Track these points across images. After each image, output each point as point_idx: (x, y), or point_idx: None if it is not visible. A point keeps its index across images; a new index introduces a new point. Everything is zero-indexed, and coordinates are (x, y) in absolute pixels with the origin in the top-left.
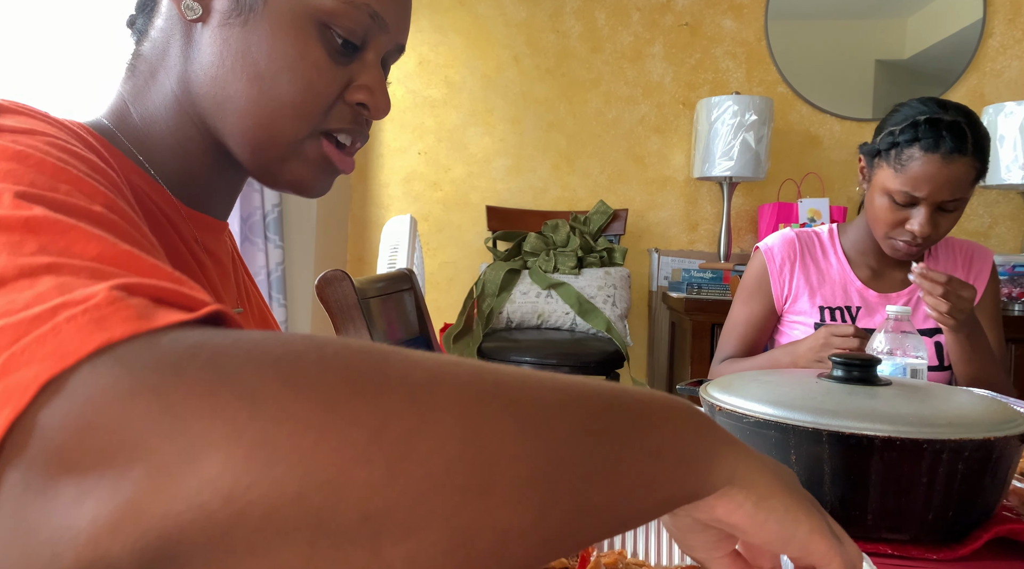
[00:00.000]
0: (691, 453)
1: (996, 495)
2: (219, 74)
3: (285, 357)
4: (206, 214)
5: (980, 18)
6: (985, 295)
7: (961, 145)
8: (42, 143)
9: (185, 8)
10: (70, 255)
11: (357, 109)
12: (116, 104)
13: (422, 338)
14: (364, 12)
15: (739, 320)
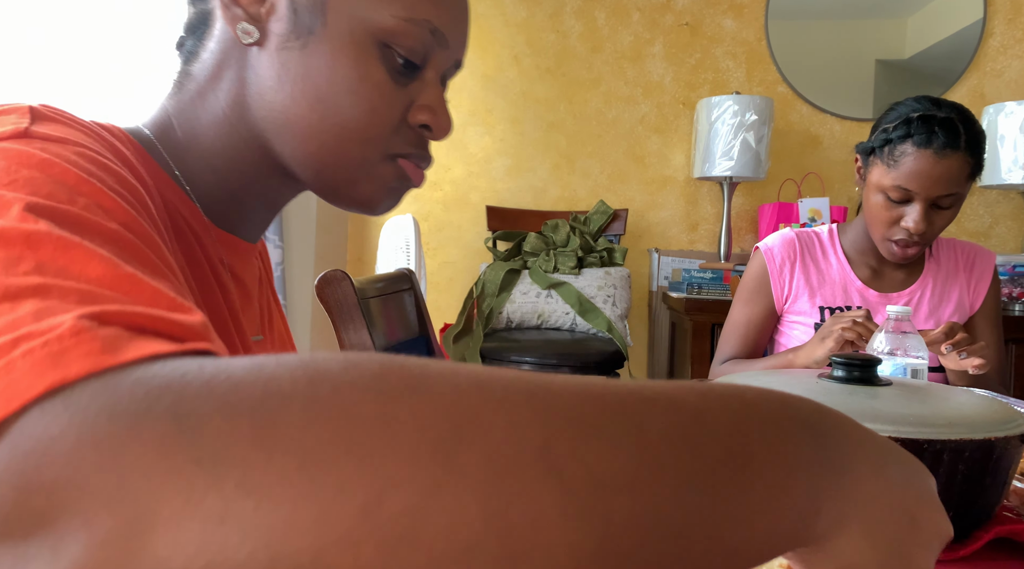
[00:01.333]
0: (795, 492)
1: (996, 495)
2: (278, 99)
3: (265, 403)
4: (236, 236)
5: (980, 18)
6: (987, 298)
7: (954, 141)
8: (71, 153)
9: (241, 32)
10: (66, 276)
11: (420, 131)
12: (160, 117)
13: (422, 338)
14: (424, 29)
15: (739, 321)
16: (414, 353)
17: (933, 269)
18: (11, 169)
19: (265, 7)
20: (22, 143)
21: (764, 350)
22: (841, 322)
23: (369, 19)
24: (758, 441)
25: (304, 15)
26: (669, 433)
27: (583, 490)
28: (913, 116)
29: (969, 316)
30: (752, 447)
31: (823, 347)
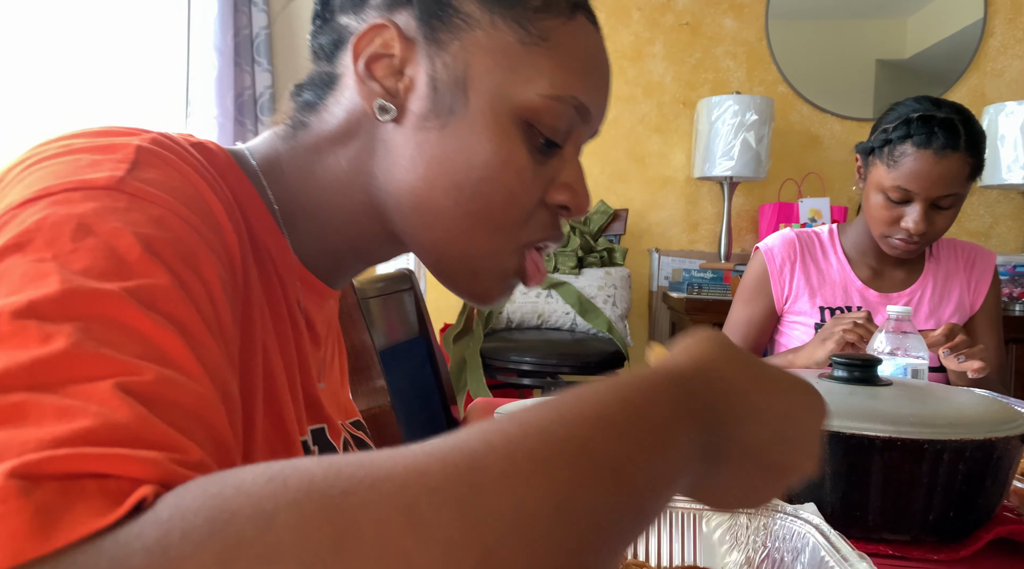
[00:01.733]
0: (685, 450)
1: (997, 495)
2: (409, 179)
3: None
4: (321, 280)
5: (981, 18)
6: (987, 298)
7: (953, 141)
8: (149, 219)
9: (378, 109)
10: (56, 392)
11: (557, 211)
12: (269, 154)
13: (422, 338)
14: (570, 105)
15: (740, 321)
16: (414, 353)
17: (933, 269)
18: (78, 233)
19: (403, 82)
20: (108, 199)
21: (764, 351)
22: (842, 324)
23: (513, 98)
24: (637, 453)
25: (445, 94)
26: (555, 490)
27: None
28: (913, 116)
29: (969, 316)
30: (632, 461)
31: (824, 348)
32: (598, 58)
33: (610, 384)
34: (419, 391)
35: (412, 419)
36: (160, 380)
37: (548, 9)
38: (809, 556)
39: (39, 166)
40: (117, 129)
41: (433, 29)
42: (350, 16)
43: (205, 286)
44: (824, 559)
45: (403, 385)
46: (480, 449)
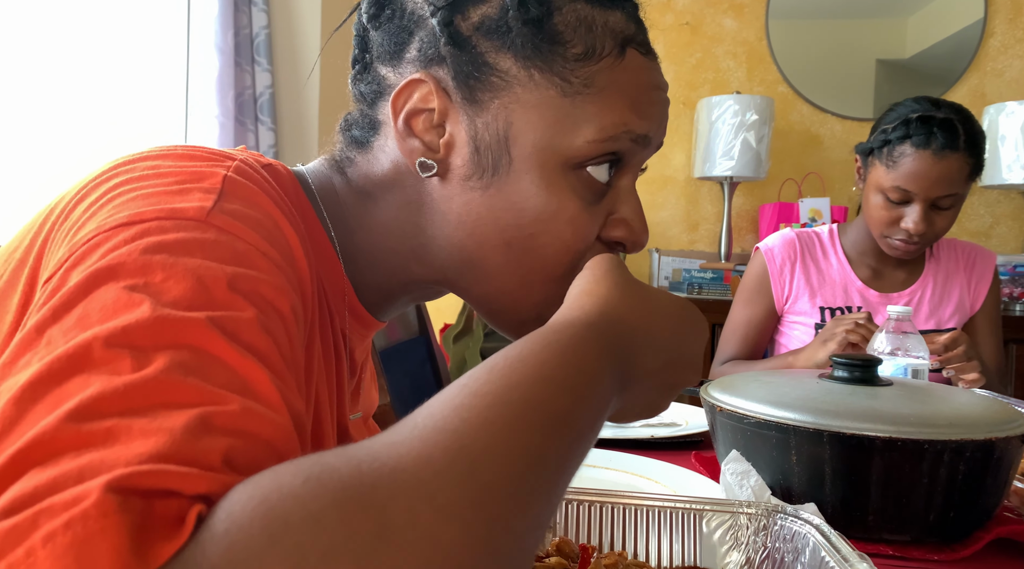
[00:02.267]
0: (601, 388)
1: (997, 496)
2: (459, 237)
3: None
4: (369, 311)
5: (981, 17)
6: (987, 299)
7: (952, 141)
8: (234, 255)
9: (419, 167)
10: (144, 415)
11: (614, 247)
12: (326, 182)
13: (422, 338)
14: (624, 139)
15: (740, 321)
16: (414, 353)
17: (933, 269)
18: (168, 265)
19: (444, 139)
20: (196, 230)
21: (764, 351)
22: (843, 324)
23: (561, 149)
24: (579, 404)
25: (488, 154)
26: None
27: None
28: (912, 117)
29: (969, 316)
30: (577, 411)
31: (825, 349)
32: (651, 88)
33: (543, 341)
34: (419, 391)
35: None
36: (244, 411)
37: (592, 55)
38: (809, 556)
39: (129, 187)
40: (203, 153)
41: (471, 89)
42: (388, 67)
43: (283, 322)
44: (824, 559)
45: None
46: (460, 427)
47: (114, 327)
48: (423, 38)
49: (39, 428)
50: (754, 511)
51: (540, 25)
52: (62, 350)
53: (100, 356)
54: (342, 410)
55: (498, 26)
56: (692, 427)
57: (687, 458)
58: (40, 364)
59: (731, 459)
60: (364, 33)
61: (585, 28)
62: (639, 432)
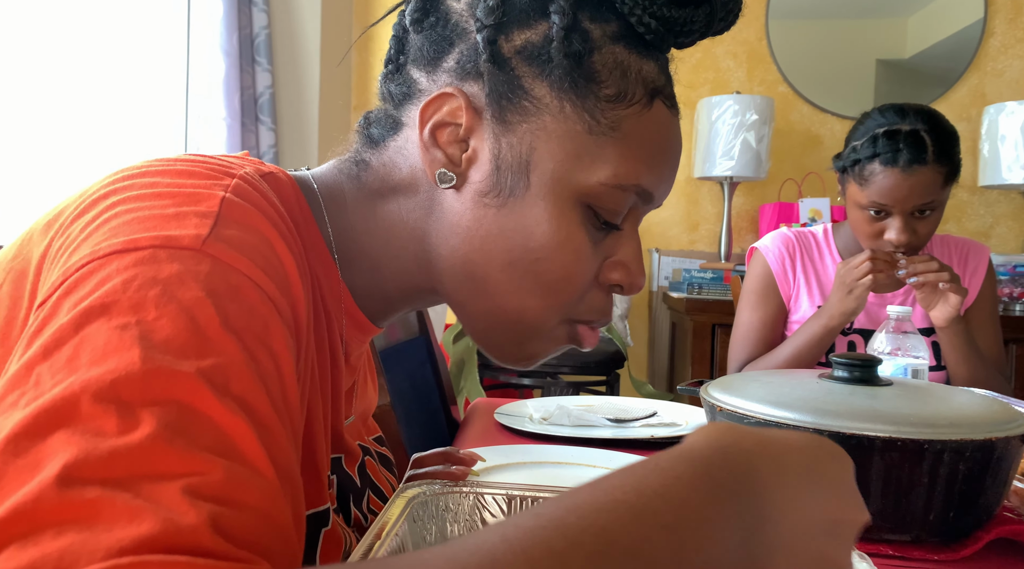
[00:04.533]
0: (721, 544)
1: (997, 496)
2: (465, 250)
3: None
4: (367, 316)
5: (981, 17)
6: (982, 293)
7: (919, 155)
8: (229, 289)
9: (438, 176)
10: (132, 489)
11: (610, 290)
12: (333, 186)
13: (422, 339)
14: (632, 192)
15: (752, 324)
16: (414, 353)
17: None
18: (161, 300)
19: (467, 154)
20: (191, 260)
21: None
22: (858, 270)
23: (575, 183)
24: (655, 533)
25: (507, 174)
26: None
27: None
28: (878, 132)
29: (965, 310)
30: (650, 542)
31: (852, 298)
32: (669, 143)
33: (625, 469)
34: (419, 391)
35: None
36: (228, 479)
37: (622, 99)
38: None
39: (125, 208)
40: (202, 169)
41: (502, 109)
42: (421, 72)
43: (275, 360)
44: None
45: (403, 385)
46: (499, 546)
47: (102, 379)
48: (463, 51)
49: (21, 496)
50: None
51: (580, 60)
52: (48, 399)
53: (86, 411)
54: (337, 416)
55: (539, 54)
56: (692, 427)
57: None
58: (25, 412)
59: None
60: (403, 35)
61: (620, 72)
62: (639, 432)
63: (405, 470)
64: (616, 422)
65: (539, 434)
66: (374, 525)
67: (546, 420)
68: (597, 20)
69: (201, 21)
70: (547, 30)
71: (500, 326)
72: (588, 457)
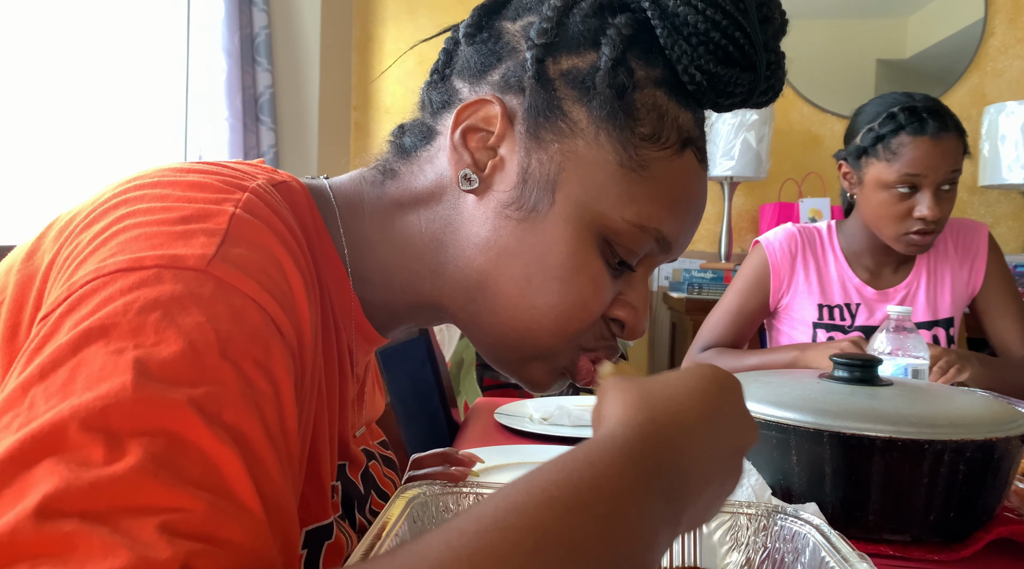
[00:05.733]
0: (652, 525)
1: (997, 496)
2: (480, 261)
3: None
4: (375, 327)
5: (981, 17)
6: (989, 272)
7: (944, 123)
8: (231, 312)
9: (461, 177)
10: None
11: (613, 325)
12: (353, 197)
13: (422, 338)
14: (651, 236)
15: (731, 309)
16: (414, 353)
17: (923, 257)
18: (161, 324)
19: (494, 161)
20: (195, 282)
21: (746, 344)
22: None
23: (598, 214)
24: (590, 525)
25: (532, 190)
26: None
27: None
28: (895, 110)
29: (975, 295)
30: (585, 534)
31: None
32: (695, 196)
33: (556, 462)
34: (419, 391)
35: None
36: (211, 515)
37: (656, 140)
38: (809, 557)
39: (133, 221)
40: (215, 181)
41: (537, 125)
42: (465, 83)
43: (274, 385)
44: (824, 560)
45: (403, 385)
46: (445, 554)
47: (92, 406)
48: (510, 66)
49: (1, 525)
50: (754, 511)
51: (622, 93)
52: (37, 425)
53: (74, 440)
54: (344, 426)
55: (584, 80)
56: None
57: None
58: (15, 438)
59: None
60: (454, 47)
61: (658, 114)
62: None
63: (404, 470)
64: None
65: (539, 434)
66: (374, 525)
67: (546, 420)
68: (644, 62)
69: (202, 21)
70: (595, 59)
71: (507, 343)
72: None
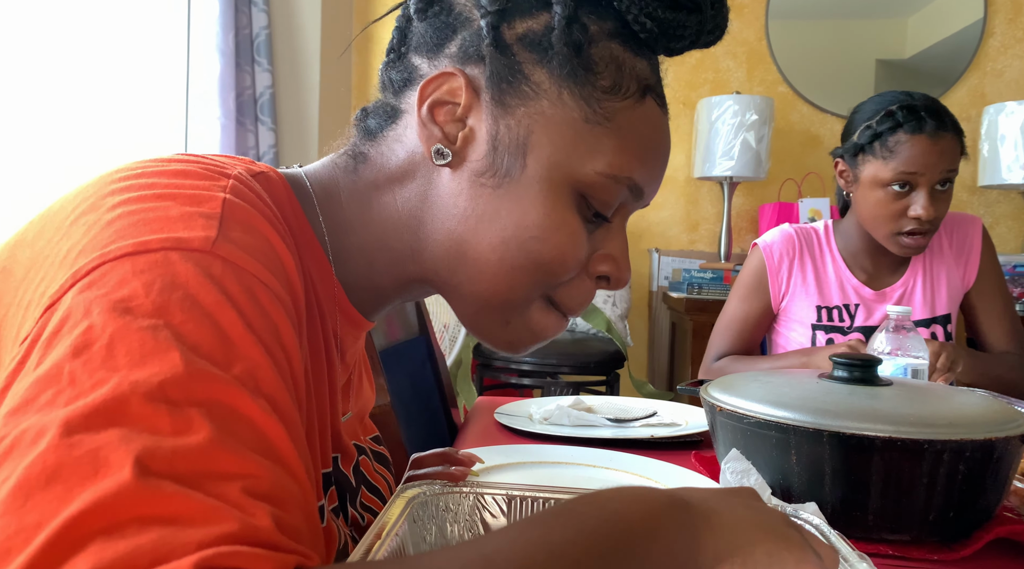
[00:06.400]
0: (679, 557)
1: (997, 496)
2: (460, 231)
3: None
4: (359, 312)
5: (981, 17)
6: (981, 266)
7: (942, 122)
8: (242, 290)
9: (434, 153)
10: (199, 481)
11: (597, 281)
12: (329, 184)
13: (422, 338)
14: (624, 185)
15: (736, 316)
16: (414, 353)
17: (920, 254)
18: (185, 303)
19: (464, 132)
20: (204, 262)
21: (762, 347)
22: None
23: (570, 170)
24: (643, 535)
25: (504, 155)
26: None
27: None
28: (893, 108)
29: (968, 289)
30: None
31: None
32: (660, 141)
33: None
34: (419, 391)
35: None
36: (275, 481)
37: (617, 91)
38: None
39: (129, 209)
40: (197, 169)
41: (501, 92)
42: (423, 58)
43: (288, 358)
44: None
45: (403, 385)
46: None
47: (150, 380)
48: (466, 37)
49: (101, 489)
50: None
51: (579, 50)
52: (96, 397)
53: (138, 411)
54: (334, 413)
55: (540, 42)
56: (692, 427)
57: (687, 458)
58: (72, 409)
59: (731, 458)
60: (406, 25)
61: (616, 66)
62: (639, 432)
63: (405, 470)
64: (616, 422)
65: (539, 434)
66: (374, 525)
67: (546, 420)
68: (596, 16)
69: (200, 21)
70: (548, 20)
71: (490, 308)
72: (588, 457)
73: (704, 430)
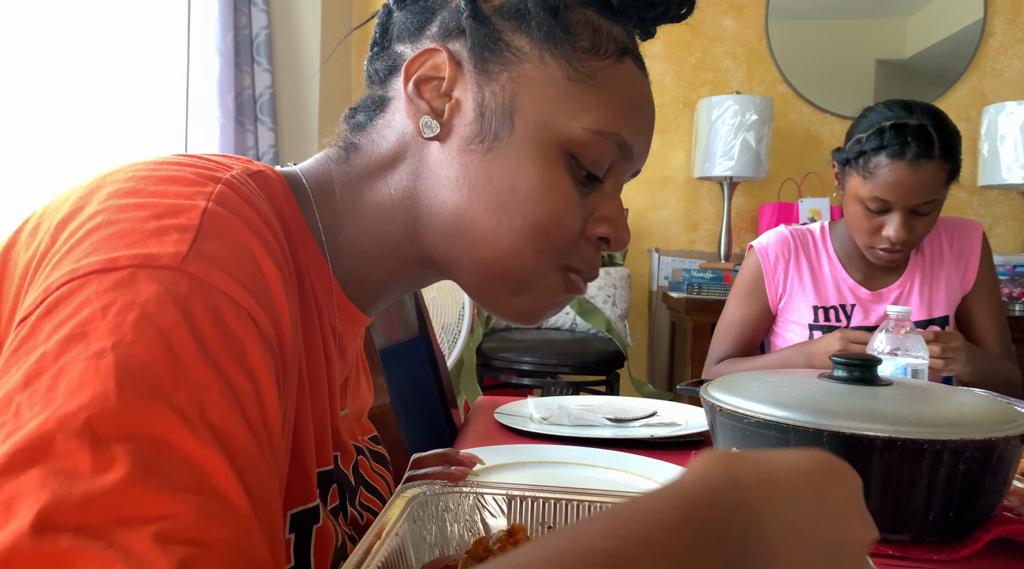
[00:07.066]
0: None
1: (997, 495)
2: (454, 200)
3: None
4: (357, 307)
5: (981, 18)
6: (980, 272)
7: (927, 150)
8: (208, 309)
9: (423, 125)
10: (104, 530)
11: (597, 244)
12: (323, 178)
13: (422, 338)
14: (612, 142)
15: (735, 320)
16: (414, 353)
17: (919, 256)
18: (139, 324)
19: (451, 103)
20: (170, 280)
21: (761, 348)
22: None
23: (558, 129)
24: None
25: (491, 120)
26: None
27: None
28: (885, 125)
29: (966, 293)
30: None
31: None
32: (643, 101)
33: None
34: (419, 391)
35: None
36: (201, 518)
37: (596, 50)
38: None
39: (106, 218)
40: (188, 173)
41: (484, 60)
42: (406, 44)
43: (252, 380)
44: None
45: (403, 385)
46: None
47: (77, 414)
48: (445, 16)
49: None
50: None
51: (556, 14)
52: (24, 435)
53: (61, 449)
54: (334, 410)
55: (517, 10)
56: (692, 427)
57: (687, 458)
58: (3, 449)
59: None
60: (387, 18)
61: (592, 28)
62: (639, 432)
63: (405, 470)
64: (616, 422)
65: (539, 434)
66: (374, 525)
67: (546, 420)
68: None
69: (199, 21)
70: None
71: (495, 276)
72: (588, 457)
73: (704, 430)
